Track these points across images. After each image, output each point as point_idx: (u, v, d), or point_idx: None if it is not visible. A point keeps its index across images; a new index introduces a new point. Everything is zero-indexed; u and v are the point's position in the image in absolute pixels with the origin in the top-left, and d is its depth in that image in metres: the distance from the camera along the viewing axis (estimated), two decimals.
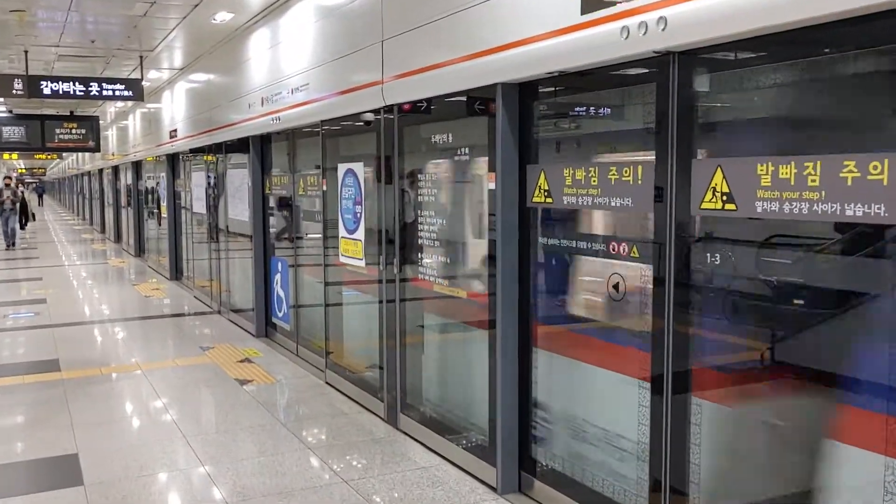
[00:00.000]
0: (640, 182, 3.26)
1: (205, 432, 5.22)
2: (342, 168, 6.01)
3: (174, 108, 12.33)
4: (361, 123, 5.71)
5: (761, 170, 2.72)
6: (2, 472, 4.58)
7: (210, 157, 10.14)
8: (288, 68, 6.88)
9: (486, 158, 4.18)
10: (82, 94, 10.57)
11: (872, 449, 2.59)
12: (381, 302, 5.39)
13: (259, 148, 8.25)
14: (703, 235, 3.10)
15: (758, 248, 2.96)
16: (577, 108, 3.86)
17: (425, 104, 4.76)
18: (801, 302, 2.89)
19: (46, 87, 10.31)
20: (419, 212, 4.90)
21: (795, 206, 2.60)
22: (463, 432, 4.61)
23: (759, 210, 2.73)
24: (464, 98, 4.35)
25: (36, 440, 5.09)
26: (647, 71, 3.20)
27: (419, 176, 4.91)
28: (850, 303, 2.76)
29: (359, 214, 5.73)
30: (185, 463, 4.67)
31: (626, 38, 3.07)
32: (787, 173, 2.64)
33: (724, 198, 2.86)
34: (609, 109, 3.68)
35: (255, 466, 4.58)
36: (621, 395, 3.58)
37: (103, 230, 23.86)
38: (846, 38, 2.50)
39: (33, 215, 25.29)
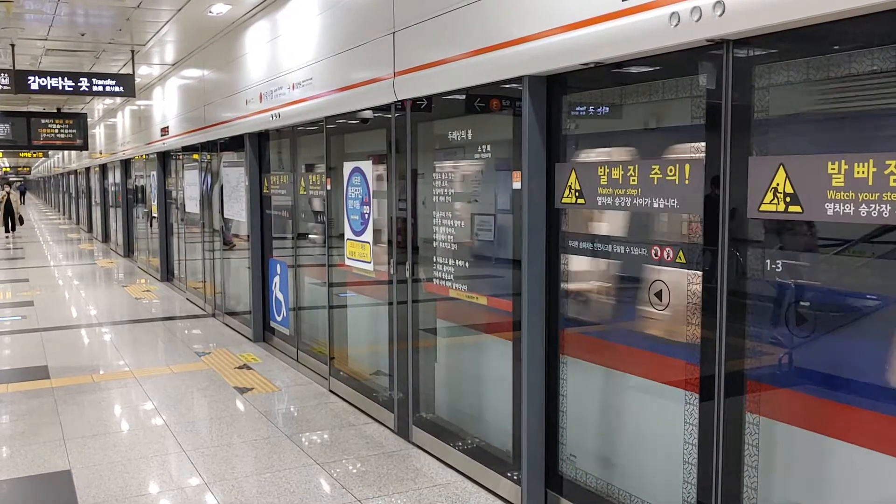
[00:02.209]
0: (687, 181, 3.01)
1: (205, 446, 4.93)
2: (348, 166, 5.73)
3: (166, 105, 11.99)
4: (370, 120, 5.44)
5: (832, 168, 2.48)
6: None
7: (203, 155, 9.83)
8: (289, 63, 6.59)
9: (510, 156, 3.92)
10: (71, 89, 10.23)
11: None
12: (390, 304, 5.12)
13: (256, 146, 7.95)
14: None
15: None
16: (612, 102, 3.61)
17: (442, 99, 4.50)
18: None
19: (34, 82, 9.96)
20: (435, 212, 4.63)
21: (874, 209, 2.36)
22: (483, 446, 4.35)
23: (830, 213, 2.49)
24: (485, 92, 4.09)
25: (25, 455, 4.78)
26: (695, 61, 2.95)
27: (434, 175, 4.65)
28: None
29: (367, 215, 5.46)
30: (186, 481, 4.39)
31: (676, 25, 2.82)
32: (863, 172, 2.40)
33: (788, 199, 2.61)
34: (649, 103, 3.42)
35: (261, 484, 4.30)
36: (664, 409, 3.33)
37: (90, 230, 23.44)
38: None
39: (20, 218, 24.57)
